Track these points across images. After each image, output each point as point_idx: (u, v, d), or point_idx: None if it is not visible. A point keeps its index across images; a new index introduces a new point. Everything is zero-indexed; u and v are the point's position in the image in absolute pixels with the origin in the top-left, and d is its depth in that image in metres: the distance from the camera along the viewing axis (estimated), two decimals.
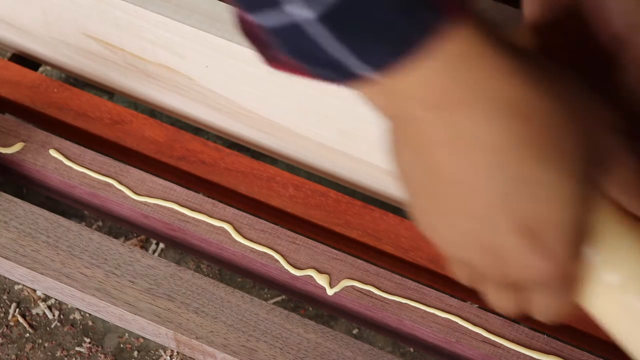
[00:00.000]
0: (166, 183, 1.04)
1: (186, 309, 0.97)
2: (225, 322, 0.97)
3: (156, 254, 1.15)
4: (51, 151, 1.06)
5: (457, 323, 0.97)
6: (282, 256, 1.00)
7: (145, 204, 1.03)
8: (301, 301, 1.06)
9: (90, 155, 1.06)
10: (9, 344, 1.10)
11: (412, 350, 1.08)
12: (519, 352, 0.95)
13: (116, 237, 1.15)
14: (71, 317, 1.11)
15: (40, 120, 1.11)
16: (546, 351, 0.95)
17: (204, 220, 1.02)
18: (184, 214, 1.03)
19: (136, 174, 1.05)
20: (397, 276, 1.00)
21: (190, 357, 1.06)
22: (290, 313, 0.97)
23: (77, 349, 1.10)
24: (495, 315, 0.97)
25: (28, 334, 1.10)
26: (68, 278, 0.98)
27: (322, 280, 0.99)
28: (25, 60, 1.17)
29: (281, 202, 1.04)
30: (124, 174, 1.05)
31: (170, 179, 1.07)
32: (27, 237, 1.01)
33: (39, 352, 1.09)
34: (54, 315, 1.11)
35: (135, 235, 1.15)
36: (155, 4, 0.97)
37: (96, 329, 1.10)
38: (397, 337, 1.01)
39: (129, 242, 1.15)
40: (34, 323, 1.11)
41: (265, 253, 1.01)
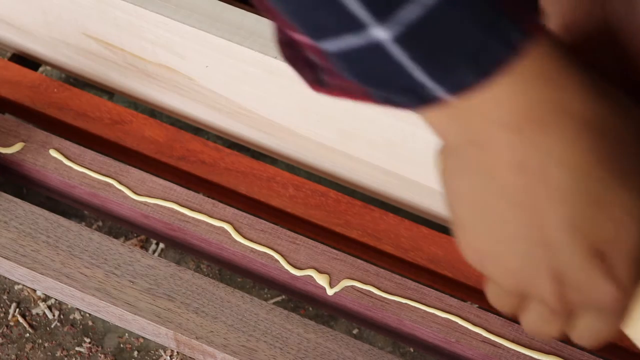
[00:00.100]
0: (166, 183, 1.04)
1: (186, 309, 0.97)
2: (225, 322, 0.97)
3: (156, 254, 1.15)
4: (51, 151, 1.06)
5: (457, 323, 0.97)
6: (282, 256, 1.00)
7: (145, 204, 1.03)
8: (301, 301, 1.06)
9: (90, 155, 1.06)
10: (9, 344, 1.10)
11: (412, 350, 1.08)
12: (519, 352, 0.95)
13: (116, 237, 1.15)
14: (71, 317, 1.11)
15: (40, 120, 1.11)
16: (546, 351, 0.95)
17: (204, 220, 1.02)
18: (184, 214, 1.03)
19: (136, 174, 1.05)
20: (397, 276, 1.00)
21: (190, 357, 1.06)
22: (290, 313, 0.97)
23: (77, 349, 1.10)
24: (495, 315, 0.97)
25: (28, 334, 1.10)
26: (68, 278, 0.98)
27: (322, 280, 0.99)
28: (25, 60, 1.17)
29: (281, 202, 1.04)
30: (124, 174, 1.05)
31: (170, 179, 1.07)
32: (27, 237, 1.01)
33: (39, 352, 1.09)
34: (54, 315, 1.11)
35: (135, 235, 1.15)
36: (155, 4, 0.97)
37: (96, 329, 1.10)
38: (397, 337, 1.01)
39: (129, 242, 1.15)
40: (34, 323, 1.11)
41: (265, 253, 1.01)
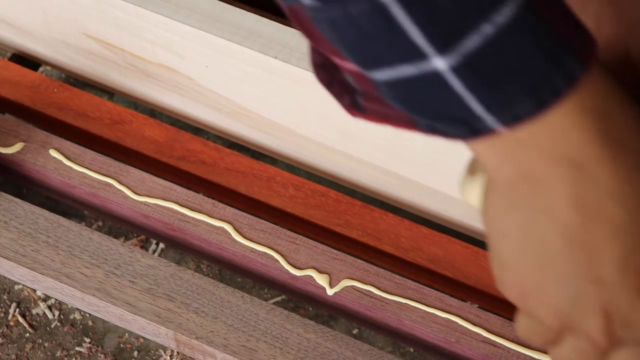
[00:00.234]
0: (166, 183, 1.04)
1: (186, 309, 0.97)
2: (225, 322, 0.97)
3: (156, 254, 1.15)
4: (51, 151, 1.06)
5: (457, 323, 0.97)
6: (282, 256, 1.00)
7: (145, 204, 1.03)
8: (301, 301, 1.06)
9: (90, 155, 1.06)
10: (9, 344, 1.10)
11: (412, 350, 1.08)
12: (519, 352, 0.95)
13: (116, 237, 1.15)
14: (71, 317, 1.11)
15: (40, 120, 1.11)
16: (546, 351, 0.95)
17: (204, 220, 1.02)
18: (184, 214, 1.03)
19: (136, 174, 1.05)
20: (397, 276, 1.00)
21: (190, 357, 1.06)
22: (290, 313, 0.97)
23: (77, 349, 1.10)
24: (495, 315, 0.97)
25: (28, 334, 1.10)
26: (68, 278, 0.98)
27: (322, 280, 0.99)
28: (25, 60, 1.17)
29: (281, 202, 1.04)
30: (124, 174, 1.05)
31: (170, 179, 1.07)
32: (27, 237, 1.01)
33: (39, 352, 1.09)
34: (54, 315, 1.11)
35: (135, 235, 1.15)
36: (155, 4, 0.97)
37: (96, 329, 1.10)
38: (397, 337, 1.01)
39: (129, 242, 1.15)
40: (34, 323, 1.11)
41: (265, 253, 1.01)
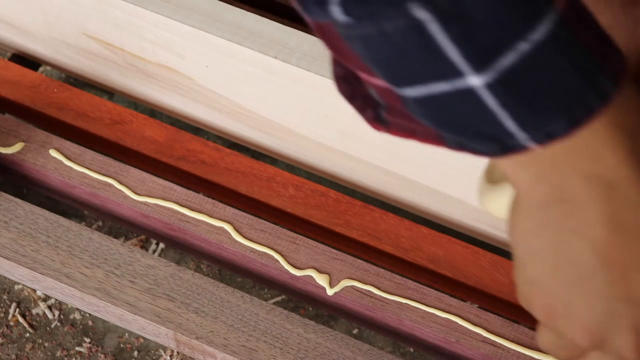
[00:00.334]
0: (166, 183, 1.04)
1: (186, 309, 0.97)
2: (225, 322, 0.97)
3: (156, 254, 1.15)
4: (51, 151, 1.06)
5: (457, 323, 0.97)
6: (282, 256, 1.00)
7: (145, 204, 1.03)
8: (301, 301, 1.06)
9: (90, 155, 1.06)
10: (9, 344, 1.10)
11: (412, 350, 1.08)
12: (519, 352, 0.95)
13: (116, 237, 1.15)
14: (71, 317, 1.11)
15: (40, 120, 1.11)
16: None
17: (204, 220, 1.02)
18: (184, 214, 1.03)
19: (136, 174, 1.05)
20: (397, 276, 0.99)
21: (190, 357, 1.06)
22: (290, 313, 0.97)
23: (77, 349, 1.10)
24: (495, 315, 0.97)
25: (28, 334, 1.10)
26: (68, 278, 0.98)
27: (322, 280, 0.99)
28: (25, 60, 1.17)
29: (281, 202, 1.04)
30: (124, 174, 1.05)
31: (170, 179, 1.07)
32: (27, 237, 1.01)
33: (39, 352, 1.09)
34: (54, 315, 1.11)
35: (135, 235, 1.15)
36: (155, 4, 0.97)
37: (96, 329, 1.10)
38: (397, 337, 1.01)
39: (129, 242, 1.15)
40: (34, 323, 1.11)
41: (265, 253, 1.01)
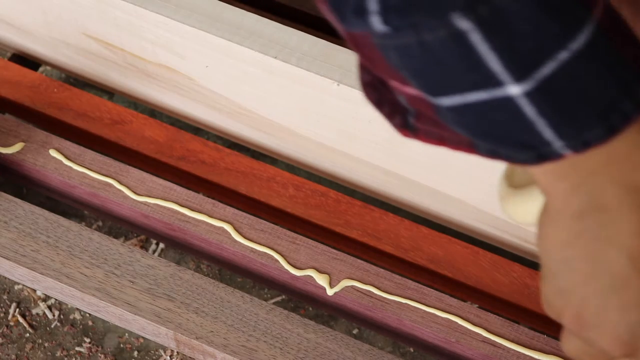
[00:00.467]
0: (166, 183, 1.04)
1: (186, 309, 0.97)
2: (225, 322, 0.97)
3: (156, 254, 1.15)
4: (51, 151, 1.06)
5: (457, 323, 0.97)
6: (282, 256, 1.00)
7: (145, 204, 1.03)
8: (301, 301, 1.06)
9: (90, 155, 1.06)
10: (9, 344, 1.10)
11: (412, 350, 1.08)
12: (519, 352, 0.95)
13: (116, 237, 1.15)
14: (71, 317, 1.11)
15: (40, 120, 1.11)
16: (546, 351, 0.95)
17: (204, 220, 1.02)
18: (184, 214, 1.03)
19: (136, 174, 1.05)
20: (397, 276, 0.99)
21: (190, 357, 1.06)
22: (290, 313, 0.97)
23: (77, 349, 1.10)
24: (495, 315, 0.97)
25: (28, 334, 1.10)
26: (68, 278, 0.98)
27: (322, 280, 0.99)
28: (25, 60, 1.17)
29: (281, 202, 1.04)
30: (124, 174, 1.05)
31: (170, 179, 1.07)
32: (27, 237, 1.01)
33: (39, 352, 1.09)
34: (54, 315, 1.11)
35: (135, 235, 1.15)
36: (155, 4, 0.97)
37: (96, 329, 1.10)
38: (397, 337, 1.01)
39: (129, 242, 1.15)
40: (34, 323, 1.11)
41: (265, 253, 1.01)
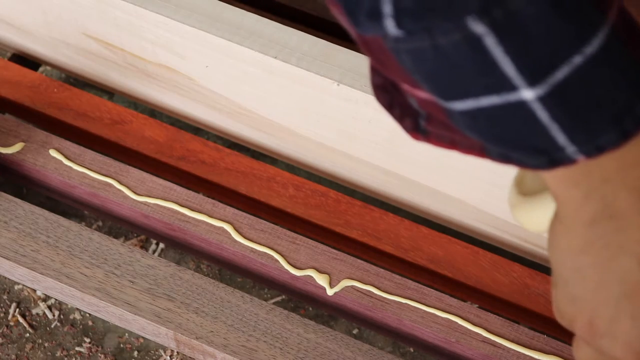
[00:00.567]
0: (166, 183, 1.04)
1: (186, 309, 0.97)
2: (225, 322, 0.97)
3: (156, 254, 1.15)
4: (51, 151, 1.06)
5: (457, 323, 0.97)
6: (282, 256, 1.00)
7: (145, 204, 1.03)
8: (301, 301, 1.06)
9: (90, 155, 1.06)
10: (9, 344, 1.10)
11: (412, 350, 1.08)
12: (519, 352, 0.95)
13: (116, 237, 1.15)
14: (71, 317, 1.11)
15: (40, 120, 1.11)
16: (546, 351, 0.95)
17: (204, 220, 1.02)
18: (184, 214, 1.03)
19: (136, 174, 1.05)
20: (397, 276, 0.99)
21: (190, 357, 1.06)
22: (290, 313, 0.97)
23: (77, 349, 1.10)
24: (495, 315, 0.97)
25: (28, 334, 1.10)
26: (68, 278, 0.98)
27: (322, 280, 0.99)
28: (25, 60, 1.17)
29: (281, 202, 1.04)
30: (124, 174, 1.05)
31: (170, 179, 1.07)
32: (27, 237, 1.01)
33: (39, 352, 1.09)
34: (54, 315, 1.11)
35: (135, 235, 1.15)
36: (155, 4, 0.97)
37: (96, 329, 1.10)
38: (397, 337, 1.01)
39: (129, 242, 1.15)
40: (34, 323, 1.11)
41: (265, 253, 1.01)
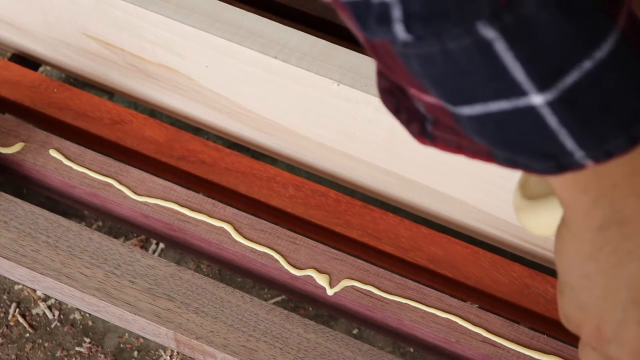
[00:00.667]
0: (166, 183, 1.04)
1: (186, 309, 0.97)
2: (225, 322, 0.97)
3: (156, 254, 1.15)
4: (51, 151, 1.06)
5: (457, 323, 0.97)
6: (282, 256, 1.00)
7: (145, 204, 1.03)
8: (301, 301, 1.06)
9: (90, 155, 1.06)
10: (9, 344, 1.10)
11: (412, 350, 1.08)
12: (519, 352, 0.95)
13: (116, 237, 1.15)
14: (71, 317, 1.11)
15: (40, 120, 1.11)
16: (546, 351, 0.95)
17: (204, 220, 1.02)
18: (184, 214, 1.03)
19: (136, 174, 1.05)
20: (397, 276, 0.99)
21: (190, 357, 1.06)
22: (290, 313, 0.97)
23: (77, 349, 1.10)
24: (495, 315, 0.97)
25: (28, 334, 1.10)
26: (68, 278, 0.98)
27: (322, 280, 0.99)
28: (25, 60, 1.17)
29: (281, 202, 1.04)
30: (124, 174, 1.05)
31: (170, 179, 1.07)
32: (27, 237, 1.01)
33: (39, 352, 1.09)
34: (54, 315, 1.11)
35: (135, 235, 1.15)
36: (155, 4, 0.97)
37: (96, 329, 1.10)
38: (397, 337, 1.01)
39: (129, 242, 1.15)
40: (34, 323, 1.11)
41: (265, 253, 1.01)
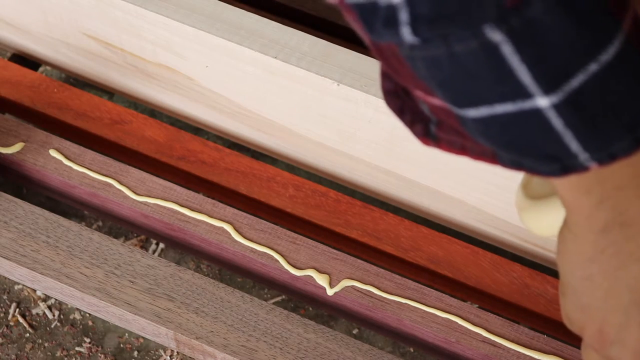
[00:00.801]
0: (166, 183, 1.04)
1: (186, 309, 0.97)
2: (225, 322, 0.97)
3: (156, 254, 1.15)
4: (51, 151, 1.06)
5: (457, 323, 0.97)
6: (282, 256, 1.00)
7: (145, 204, 1.03)
8: (301, 301, 1.06)
9: (90, 155, 1.06)
10: (9, 344, 1.10)
11: (412, 350, 1.08)
12: (519, 352, 0.95)
13: (116, 237, 1.15)
14: (71, 317, 1.11)
15: (40, 120, 1.11)
16: (546, 351, 0.95)
17: (204, 220, 1.02)
18: (184, 214, 1.03)
19: (136, 174, 1.05)
20: (397, 276, 0.99)
21: (190, 357, 1.06)
22: (290, 313, 0.97)
23: (77, 349, 1.10)
24: (495, 315, 0.97)
25: (28, 334, 1.10)
26: (68, 278, 0.98)
27: (322, 280, 0.99)
28: (25, 60, 1.17)
29: (281, 202, 1.04)
30: (124, 174, 1.05)
31: (170, 179, 1.07)
32: (27, 237, 1.01)
33: (39, 352, 1.09)
34: (54, 315, 1.11)
35: (135, 235, 1.15)
36: (155, 4, 0.97)
37: (96, 329, 1.10)
38: (397, 337, 1.01)
39: (129, 242, 1.15)
40: (34, 323, 1.11)
41: (265, 253, 1.01)
